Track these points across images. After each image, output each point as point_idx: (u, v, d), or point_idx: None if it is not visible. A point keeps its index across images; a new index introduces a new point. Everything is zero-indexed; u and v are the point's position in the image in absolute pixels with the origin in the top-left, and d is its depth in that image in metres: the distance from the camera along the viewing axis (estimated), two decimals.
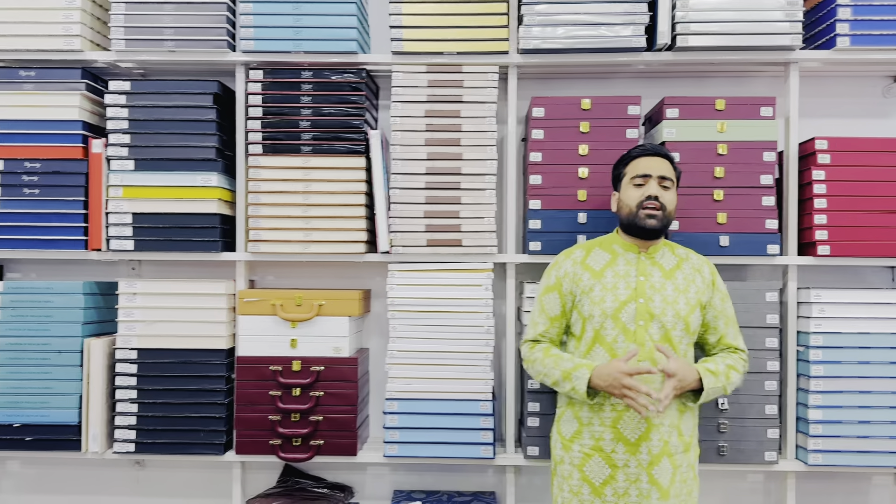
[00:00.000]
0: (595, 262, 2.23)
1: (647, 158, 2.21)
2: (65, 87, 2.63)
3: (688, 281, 2.20)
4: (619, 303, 2.15)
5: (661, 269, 2.20)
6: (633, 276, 2.18)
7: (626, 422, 2.12)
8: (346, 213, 2.61)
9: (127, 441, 2.60)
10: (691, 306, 2.17)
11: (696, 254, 2.31)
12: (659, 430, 2.10)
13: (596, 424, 2.15)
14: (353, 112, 2.60)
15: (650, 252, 2.22)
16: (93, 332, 2.67)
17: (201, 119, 2.60)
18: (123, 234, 2.61)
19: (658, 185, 2.18)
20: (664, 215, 2.17)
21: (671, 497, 2.09)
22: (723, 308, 2.25)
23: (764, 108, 2.58)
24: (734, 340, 2.26)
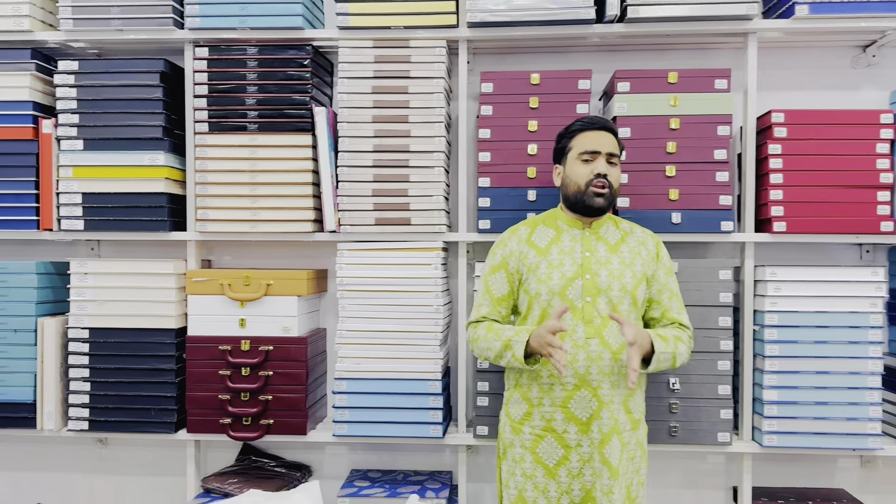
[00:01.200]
0: (540, 239, 2.19)
1: (595, 133, 2.15)
2: (14, 68, 2.63)
3: (633, 254, 2.16)
4: (566, 279, 2.11)
5: (606, 243, 2.16)
6: (579, 251, 2.14)
7: (578, 401, 2.08)
8: (293, 192, 2.59)
9: (80, 419, 2.62)
10: (637, 279, 2.13)
11: (639, 227, 2.26)
12: (609, 407, 2.07)
13: (546, 405, 2.11)
14: (299, 89, 2.57)
15: (594, 227, 2.18)
16: (48, 312, 2.69)
17: (148, 98, 2.59)
18: (74, 214, 2.62)
19: (606, 163, 2.13)
20: (611, 193, 2.13)
21: (620, 476, 2.06)
22: (667, 282, 2.20)
23: (718, 81, 2.50)
24: (678, 315, 2.19)
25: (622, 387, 2.10)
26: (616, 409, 2.08)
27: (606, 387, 2.07)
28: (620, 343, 2.07)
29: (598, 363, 2.06)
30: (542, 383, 2.12)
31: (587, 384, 2.06)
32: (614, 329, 2.07)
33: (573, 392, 2.08)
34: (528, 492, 2.12)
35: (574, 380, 2.07)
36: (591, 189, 2.11)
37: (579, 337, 2.06)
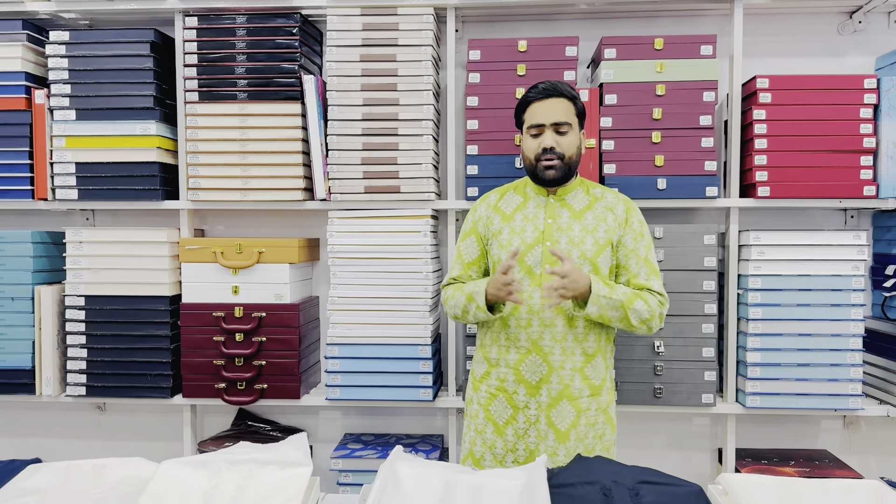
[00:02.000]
0: (507, 205, 2.20)
1: (541, 103, 2.09)
2: (6, 39, 2.65)
3: (598, 220, 2.13)
4: (526, 246, 2.11)
5: (570, 210, 2.14)
6: (542, 218, 2.13)
7: (528, 365, 2.10)
8: (283, 161, 2.62)
9: (78, 385, 2.68)
10: (600, 246, 2.10)
11: (614, 192, 2.21)
12: (559, 373, 2.08)
13: (502, 366, 2.14)
14: (288, 57, 2.59)
15: (560, 194, 2.16)
16: (44, 280, 2.74)
17: (139, 68, 2.61)
18: (68, 184, 2.65)
19: (553, 134, 2.08)
20: (564, 163, 2.09)
21: (571, 440, 2.08)
22: (635, 247, 2.14)
23: (704, 47, 2.52)
24: (646, 281, 2.12)
25: (578, 354, 2.09)
26: (568, 375, 2.08)
27: (558, 352, 2.08)
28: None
29: (552, 329, 2.08)
30: (501, 345, 2.14)
31: (539, 349, 2.09)
32: (573, 310, 2.06)
33: (525, 356, 2.10)
34: (476, 446, 2.17)
35: (528, 344, 2.09)
36: (541, 163, 2.09)
37: (535, 303, 2.07)
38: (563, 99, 2.10)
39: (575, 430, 2.09)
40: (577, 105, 2.13)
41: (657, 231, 2.51)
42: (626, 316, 2.04)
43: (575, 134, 2.12)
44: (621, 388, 2.54)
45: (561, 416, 2.08)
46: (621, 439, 2.82)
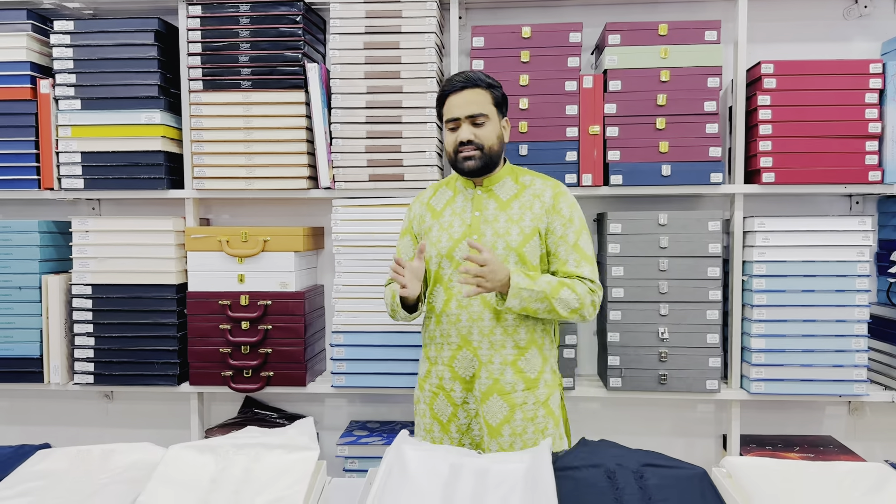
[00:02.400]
0: (438, 201, 2.17)
1: (455, 96, 2.05)
2: (11, 29, 2.66)
3: (524, 209, 2.07)
4: (454, 241, 2.08)
5: (497, 201, 2.09)
6: (469, 212, 2.10)
7: (460, 361, 2.08)
8: (287, 149, 2.62)
9: (86, 373, 2.69)
10: (525, 236, 2.05)
11: (544, 178, 2.15)
12: (488, 367, 2.05)
13: (439, 363, 2.12)
14: (291, 45, 2.59)
15: (487, 185, 2.11)
16: (51, 270, 2.75)
17: (143, 57, 2.62)
18: (73, 173, 2.66)
19: (470, 126, 2.04)
20: (483, 153, 2.04)
21: (505, 436, 2.04)
22: (563, 234, 2.06)
23: (708, 33, 2.51)
24: (576, 269, 2.04)
25: (508, 347, 2.05)
26: (497, 369, 2.05)
27: (486, 347, 2.05)
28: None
29: (479, 324, 2.05)
30: (436, 343, 2.13)
31: (469, 344, 2.06)
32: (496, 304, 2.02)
33: (457, 352, 2.08)
34: (435, 433, 2.15)
35: (458, 340, 2.07)
36: (459, 155, 2.05)
37: (462, 298, 2.05)
38: (479, 89, 2.05)
39: (509, 426, 2.04)
40: (495, 94, 2.08)
41: (661, 218, 2.51)
42: (552, 307, 1.97)
43: (493, 124, 2.07)
44: (626, 374, 2.55)
45: (492, 412, 2.05)
46: (625, 426, 2.83)
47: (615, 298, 2.54)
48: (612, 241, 2.53)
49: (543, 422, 2.08)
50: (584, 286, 2.02)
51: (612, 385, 2.56)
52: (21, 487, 1.48)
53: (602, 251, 2.64)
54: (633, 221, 2.52)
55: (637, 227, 2.52)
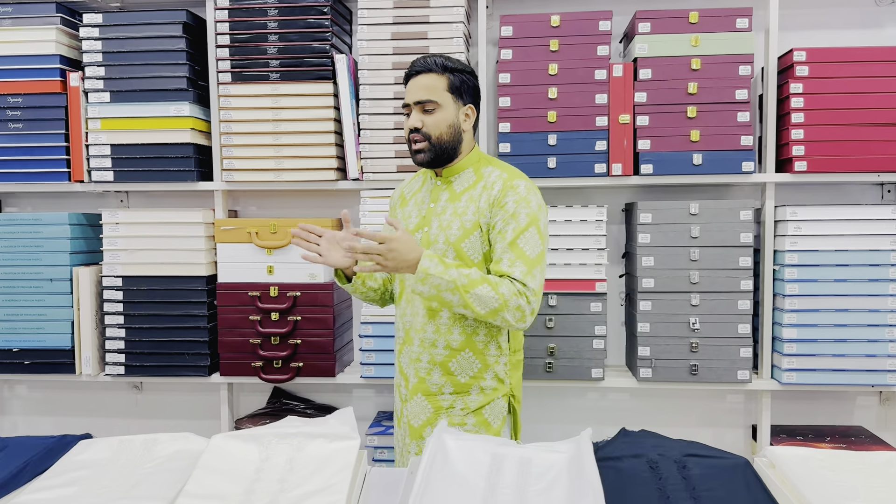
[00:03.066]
0: (410, 190, 2.12)
1: (413, 80, 1.96)
2: (41, 22, 2.67)
3: (470, 202, 1.95)
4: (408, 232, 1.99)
5: (451, 192, 1.99)
6: (427, 203, 2.03)
7: (403, 356, 2.03)
8: (316, 141, 2.62)
9: (117, 364, 2.71)
10: (465, 230, 1.92)
11: (503, 169, 2.00)
12: (416, 365, 1.98)
13: (395, 357, 2.10)
14: (319, 37, 2.59)
15: (446, 176, 2.02)
16: (81, 262, 2.77)
17: (172, 49, 2.62)
18: (103, 166, 2.68)
19: (419, 113, 1.94)
20: (431, 144, 1.93)
21: (424, 438, 1.94)
22: (502, 230, 1.89)
23: (740, 20, 2.49)
24: (509, 268, 1.86)
25: (440, 346, 1.95)
26: (425, 368, 1.96)
27: (417, 343, 1.97)
28: None
29: (415, 319, 1.98)
30: (395, 335, 2.10)
31: (409, 340, 2.00)
32: None
33: (402, 347, 2.03)
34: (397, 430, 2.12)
35: (403, 334, 2.03)
36: (411, 146, 1.97)
37: (407, 291, 1.99)
38: (433, 74, 1.93)
39: (431, 428, 1.96)
40: (453, 79, 1.94)
41: (692, 207, 2.49)
42: (465, 301, 1.80)
43: (446, 111, 1.94)
44: (657, 365, 2.54)
45: (415, 412, 1.99)
46: (653, 416, 2.83)
47: (645, 289, 2.53)
48: (643, 231, 2.52)
49: (473, 431, 1.94)
50: (511, 287, 1.83)
51: (643, 376, 2.55)
52: (66, 477, 1.49)
53: (632, 241, 2.63)
54: (663, 211, 2.51)
55: (668, 216, 2.51)
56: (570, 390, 2.85)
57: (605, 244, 2.54)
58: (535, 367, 2.58)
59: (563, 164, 2.54)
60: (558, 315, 2.56)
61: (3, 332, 2.73)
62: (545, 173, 2.54)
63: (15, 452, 1.59)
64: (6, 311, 2.73)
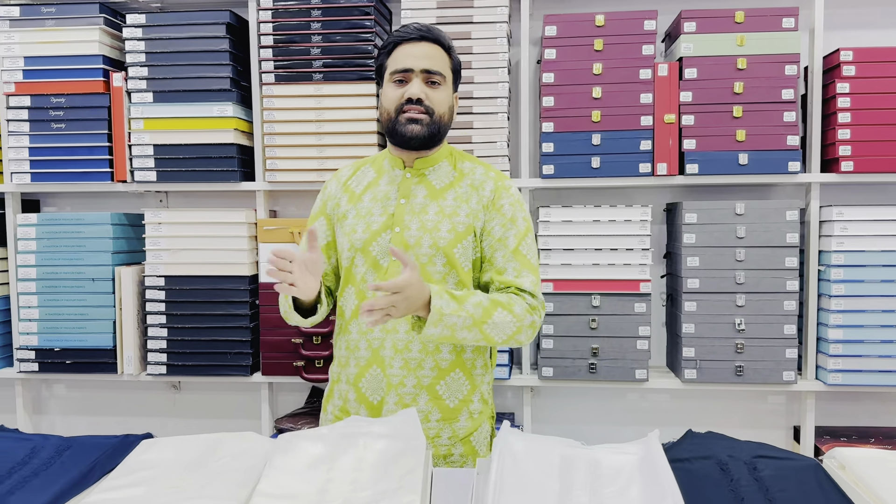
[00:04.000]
0: (358, 182, 1.84)
1: (411, 45, 1.73)
2: (84, 23, 2.68)
3: (459, 201, 1.75)
4: (371, 233, 1.76)
5: (428, 187, 1.77)
6: (394, 198, 1.77)
7: (368, 380, 1.77)
8: (358, 141, 2.62)
9: (159, 363, 2.72)
10: (458, 234, 1.73)
11: (487, 167, 1.84)
12: (398, 391, 1.74)
13: (343, 382, 1.82)
14: (363, 37, 2.59)
15: (417, 166, 1.79)
16: (123, 261, 2.78)
17: (215, 49, 2.63)
18: (146, 166, 2.68)
19: (423, 83, 1.72)
20: (432, 120, 1.72)
21: None
22: (503, 237, 1.75)
23: (786, 20, 2.47)
24: (515, 279, 1.71)
25: (427, 367, 1.74)
26: (410, 394, 1.74)
27: (398, 365, 1.74)
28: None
29: (393, 336, 1.74)
30: (341, 357, 1.82)
31: (379, 360, 1.74)
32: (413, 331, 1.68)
33: (365, 369, 1.76)
34: None
35: (367, 354, 1.76)
36: (403, 115, 1.72)
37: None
38: (440, 47, 1.76)
39: None
40: (454, 59, 1.80)
41: (738, 207, 2.48)
42: (484, 335, 1.64)
43: (448, 91, 1.78)
44: (702, 366, 2.53)
45: None
46: (695, 418, 2.81)
47: (690, 289, 2.52)
48: (688, 231, 2.51)
49: (459, 461, 1.79)
50: (522, 304, 1.69)
51: (688, 377, 2.54)
52: (134, 476, 1.50)
53: (675, 241, 2.62)
54: (709, 211, 2.50)
55: (713, 216, 2.50)
56: (609, 391, 2.84)
57: (649, 244, 2.53)
58: (578, 367, 2.57)
59: (608, 164, 2.53)
60: (602, 315, 2.55)
61: (45, 332, 2.74)
62: (589, 173, 2.54)
63: (81, 452, 1.60)
64: (48, 310, 2.74)
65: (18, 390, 2.93)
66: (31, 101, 2.71)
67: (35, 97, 2.71)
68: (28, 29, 2.70)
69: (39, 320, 2.74)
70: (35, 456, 1.60)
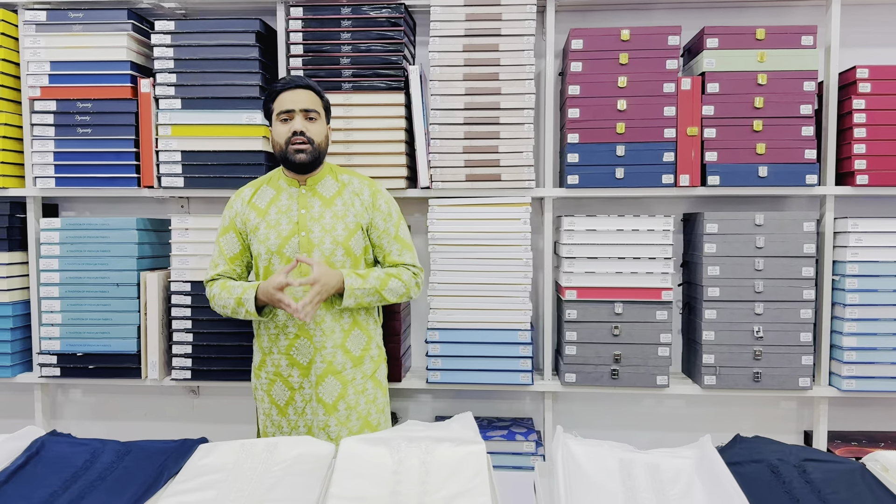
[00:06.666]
0: (261, 200, 2.30)
1: (290, 92, 2.22)
2: (112, 28, 2.69)
3: (346, 206, 2.27)
4: (283, 238, 2.23)
5: (321, 199, 2.27)
6: (295, 210, 2.25)
7: (298, 348, 2.25)
8: (386, 150, 2.66)
9: (183, 368, 2.73)
10: (350, 231, 2.25)
11: (360, 177, 2.35)
12: (322, 352, 2.24)
13: (275, 353, 2.28)
14: (392, 48, 2.63)
15: (310, 184, 2.28)
16: (146, 267, 2.79)
17: (244, 57, 2.65)
18: (174, 172, 2.70)
19: (304, 119, 2.21)
20: (314, 148, 2.22)
21: (340, 410, 2.25)
22: (385, 228, 2.30)
23: (805, 37, 2.56)
24: (399, 257, 2.31)
25: (337, 331, 2.25)
26: (330, 353, 2.25)
27: (319, 335, 2.24)
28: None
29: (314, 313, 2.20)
30: (271, 334, 2.29)
31: (305, 332, 2.24)
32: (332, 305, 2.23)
33: (294, 340, 2.26)
34: (268, 428, 2.33)
35: (295, 329, 2.24)
36: (291, 146, 2.20)
37: (296, 291, 2.19)
38: (311, 92, 2.25)
39: (343, 401, 2.26)
40: (323, 99, 2.29)
41: (758, 218, 2.56)
42: (383, 297, 2.24)
43: (322, 124, 2.26)
44: (720, 372, 2.60)
45: (327, 391, 2.25)
46: (710, 423, 2.88)
47: (711, 297, 2.59)
48: (709, 241, 2.58)
49: (373, 392, 2.33)
50: (408, 272, 2.30)
51: (707, 383, 2.61)
52: (200, 480, 1.52)
53: (694, 250, 2.69)
54: (730, 222, 2.57)
55: (734, 227, 2.57)
56: (623, 398, 2.91)
57: (671, 253, 2.60)
58: (600, 373, 2.63)
59: (631, 175, 2.59)
60: (624, 323, 2.61)
61: (68, 337, 2.74)
62: (613, 183, 2.60)
63: (143, 456, 1.62)
64: (71, 315, 2.74)
65: (37, 395, 2.92)
66: (56, 105, 2.71)
67: (61, 102, 2.71)
68: (55, 34, 2.70)
69: (62, 325, 2.74)
70: (96, 461, 1.61)
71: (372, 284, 2.21)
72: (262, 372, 2.33)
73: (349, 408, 2.26)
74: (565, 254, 2.63)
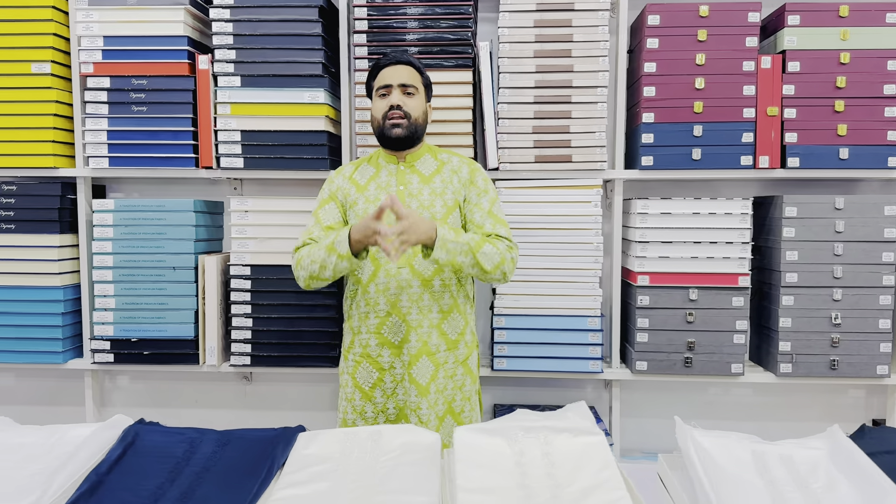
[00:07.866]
0: (361, 176, 2.26)
1: (390, 68, 2.19)
2: (169, 2, 2.60)
3: (445, 183, 2.21)
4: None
5: (420, 175, 2.22)
6: (394, 185, 2.21)
7: (389, 326, 2.18)
8: (453, 130, 2.58)
9: (243, 354, 2.66)
10: (448, 208, 2.19)
11: (460, 156, 2.29)
12: (417, 331, 2.16)
13: (364, 332, 2.21)
14: (461, 24, 2.54)
15: (409, 161, 2.24)
16: (202, 250, 2.71)
17: (307, 33, 2.56)
18: (233, 152, 2.61)
19: (401, 94, 2.17)
20: (410, 122, 2.17)
21: (431, 393, 2.17)
22: (478, 202, 2.21)
23: (890, 15, 2.47)
24: (492, 229, 2.18)
25: (434, 311, 2.18)
26: (425, 333, 2.17)
27: (415, 312, 2.15)
28: (431, 271, 2.15)
29: (408, 291, 2.16)
30: (361, 312, 2.21)
31: (398, 310, 2.16)
32: (423, 259, 2.09)
33: (385, 319, 2.18)
34: (348, 414, 2.24)
35: (387, 307, 2.16)
36: (388, 121, 2.16)
37: (391, 267, 2.14)
38: (412, 68, 2.21)
39: (434, 383, 2.18)
40: (424, 76, 2.25)
41: (838, 202, 2.48)
42: (476, 260, 2.07)
43: (421, 99, 2.21)
44: (797, 360, 2.53)
45: (420, 372, 2.17)
46: (781, 412, 2.82)
47: (788, 283, 2.52)
48: (787, 225, 2.50)
49: (462, 379, 2.24)
50: (502, 243, 2.15)
51: (783, 371, 2.54)
52: (310, 471, 1.45)
53: (771, 235, 2.61)
54: (809, 205, 2.49)
55: (813, 210, 2.50)
56: (692, 385, 2.84)
57: (748, 237, 2.53)
58: (672, 361, 2.56)
59: (708, 156, 2.51)
60: (699, 310, 2.54)
61: (122, 322, 2.67)
62: (689, 165, 2.52)
63: (245, 445, 1.55)
64: (125, 299, 2.66)
65: (88, 382, 2.85)
66: (110, 82, 2.62)
67: (115, 78, 2.62)
68: (108, 7, 2.61)
69: (115, 310, 2.66)
70: (195, 451, 1.54)
71: (465, 240, 2.06)
72: (349, 354, 2.25)
73: (438, 391, 2.18)
74: (638, 238, 2.55)
